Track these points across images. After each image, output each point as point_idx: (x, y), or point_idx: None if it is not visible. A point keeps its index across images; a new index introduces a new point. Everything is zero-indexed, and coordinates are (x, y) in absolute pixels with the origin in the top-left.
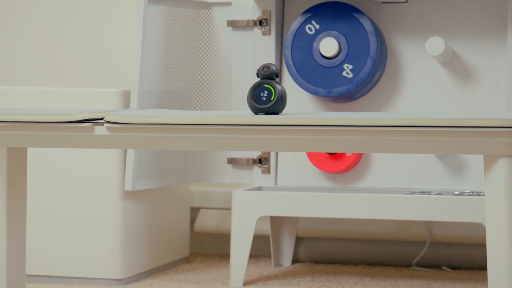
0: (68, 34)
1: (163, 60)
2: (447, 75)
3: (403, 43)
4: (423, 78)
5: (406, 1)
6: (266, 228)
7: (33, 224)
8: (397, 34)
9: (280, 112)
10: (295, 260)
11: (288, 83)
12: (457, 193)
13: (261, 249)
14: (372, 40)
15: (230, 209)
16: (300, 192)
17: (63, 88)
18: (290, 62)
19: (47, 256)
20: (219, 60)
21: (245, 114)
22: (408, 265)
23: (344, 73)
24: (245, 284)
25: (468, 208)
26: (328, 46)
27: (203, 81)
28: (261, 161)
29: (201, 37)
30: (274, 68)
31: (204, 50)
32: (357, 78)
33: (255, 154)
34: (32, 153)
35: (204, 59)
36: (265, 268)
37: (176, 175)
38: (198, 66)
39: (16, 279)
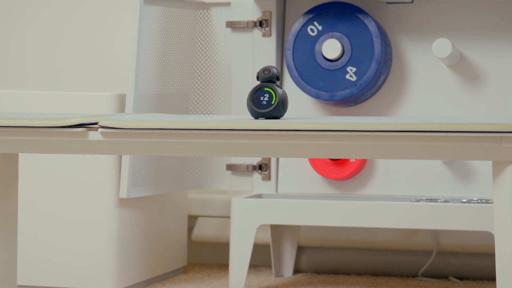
0: (62, 36)
1: (160, 62)
2: (454, 78)
3: (409, 45)
4: (430, 81)
5: (412, 1)
6: (267, 237)
7: (24, 233)
8: (403, 35)
9: (281, 116)
10: (296, 270)
11: (290, 87)
12: (465, 200)
13: (261, 258)
14: (377, 41)
15: (229, 217)
16: (301, 200)
17: (56, 91)
18: (292, 64)
19: (39, 265)
20: (217, 62)
21: (245, 119)
22: (414, 275)
23: (347, 76)
24: None
25: (476, 216)
26: (331, 48)
27: (201, 85)
28: (261, 167)
29: (199, 39)
30: (275, 70)
31: (202, 52)
32: (361, 81)
33: (255, 160)
34: (24, 155)
35: (202, 62)
36: (266, 278)
37: (173, 182)
38: (196, 68)
39: None
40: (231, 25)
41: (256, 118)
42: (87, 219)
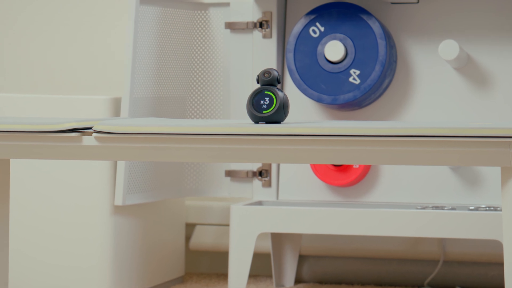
0: (57, 38)
1: (156, 65)
2: (461, 81)
3: (414, 47)
4: (436, 84)
5: (418, 2)
6: (267, 246)
7: (16, 244)
8: (408, 37)
9: (282, 121)
10: (298, 280)
11: (291, 90)
12: (472, 208)
13: (261, 268)
14: (381, 43)
15: (228, 225)
16: (303, 207)
17: (50, 95)
18: (293, 67)
19: (31, 275)
20: (216, 65)
21: (244, 123)
22: (420, 285)
23: (350, 79)
24: None
25: (484, 224)
26: (334, 50)
27: (199, 88)
28: (262, 173)
29: (197, 40)
30: (276, 73)
31: (200, 54)
32: (365, 85)
33: (255, 166)
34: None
35: (200, 64)
36: None
37: (170, 189)
38: (193, 71)
39: None
40: (230, 26)
41: (256, 122)
42: (81, 228)
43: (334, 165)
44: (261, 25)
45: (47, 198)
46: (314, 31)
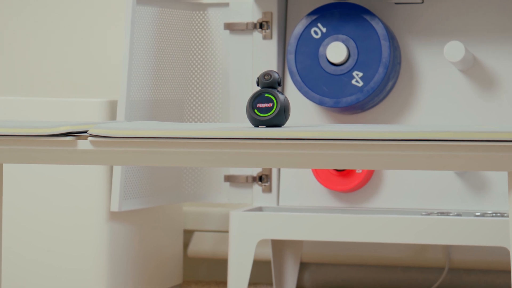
0: (53, 39)
1: (153, 67)
2: (467, 83)
3: (419, 48)
4: (441, 86)
5: (422, 2)
6: (267, 253)
7: (12, 245)
8: (412, 38)
9: (283, 124)
10: None
11: (292, 92)
12: (479, 214)
13: (261, 276)
14: (385, 44)
15: (227, 231)
16: (304, 213)
17: (44, 98)
18: (294, 69)
19: (26, 276)
20: (215, 67)
21: (244, 127)
22: None
23: (353, 81)
24: None
25: (491, 230)
26: (336, 51)
27: (197, 90)
28: (262, 178)
29: (196, 42)
30: (276, 75)
31: (199, 56)
32: (368, 87)
33: (255, 171)
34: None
35: (198, 66)
36: None
37: (167, 194)
38: (192, 73)
39: None
40: (230, 27)
41: (256, 126)
42: (76, 235)
43: (336, 170)
44: (261, 25)
45: (43, 199)
46: (315, 32)
